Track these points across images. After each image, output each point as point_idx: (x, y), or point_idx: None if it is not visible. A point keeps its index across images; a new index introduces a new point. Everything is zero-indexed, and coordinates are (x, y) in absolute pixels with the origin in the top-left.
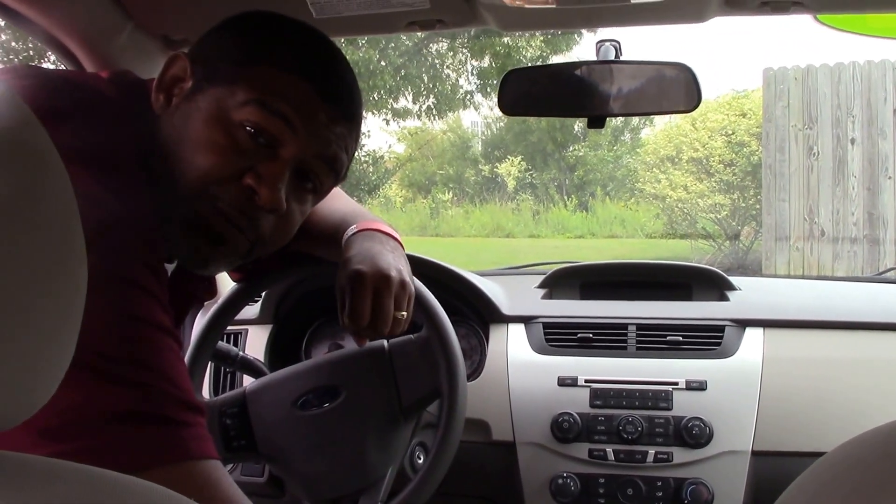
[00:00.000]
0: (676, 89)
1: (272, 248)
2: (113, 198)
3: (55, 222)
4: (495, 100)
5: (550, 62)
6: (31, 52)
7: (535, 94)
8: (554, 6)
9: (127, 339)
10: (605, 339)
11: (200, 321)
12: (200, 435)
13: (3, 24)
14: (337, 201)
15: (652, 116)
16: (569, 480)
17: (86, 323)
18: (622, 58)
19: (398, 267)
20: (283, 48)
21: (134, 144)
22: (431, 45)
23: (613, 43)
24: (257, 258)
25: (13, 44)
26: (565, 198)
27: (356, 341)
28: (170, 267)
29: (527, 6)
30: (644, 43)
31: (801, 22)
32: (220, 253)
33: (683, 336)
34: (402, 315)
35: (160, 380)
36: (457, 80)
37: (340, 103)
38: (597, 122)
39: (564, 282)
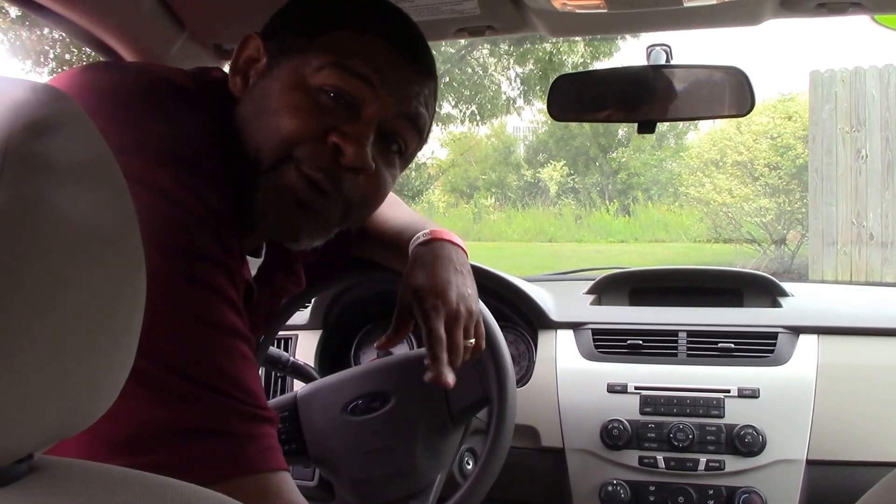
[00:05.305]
0: (729, 93)
1: (366, 212)
2: (188, 196)
3: (111, 230)
4: (537, 105)
5: (593, 68)
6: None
7: (584, 99)
8: (605, 11)
9: (194, 345)
10: (656, 345)
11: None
12: (267, 446)
13: (58, 35)
14: (399, 208)
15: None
16: (619, 488)
17: (152, 326)
18: (673, 62)
19: (466, 294)
20: (354, 10)
21: (214, 140)
22: (474, 51)
23: (664, 47)
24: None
25: (66, 56)
26: (608, 202)
27: (435, 376)
28: (255, 263)
29: (577, 11)
30: (688, 46)
31: (850, 24)
32: (309, 220)
33: (735, 343)
34: (471, 343)
35: (228, 387)
36: (499, 85)
37: (417, 59)
38: (647, 126)
39: (613, 288)
